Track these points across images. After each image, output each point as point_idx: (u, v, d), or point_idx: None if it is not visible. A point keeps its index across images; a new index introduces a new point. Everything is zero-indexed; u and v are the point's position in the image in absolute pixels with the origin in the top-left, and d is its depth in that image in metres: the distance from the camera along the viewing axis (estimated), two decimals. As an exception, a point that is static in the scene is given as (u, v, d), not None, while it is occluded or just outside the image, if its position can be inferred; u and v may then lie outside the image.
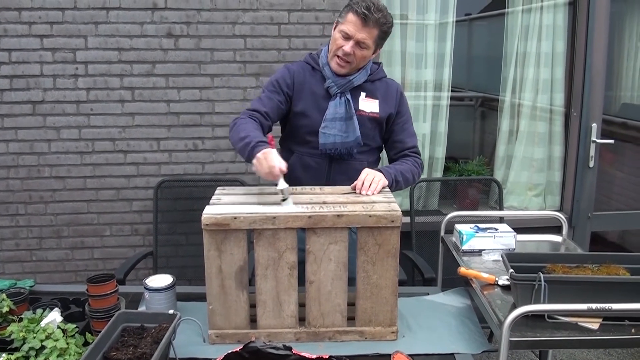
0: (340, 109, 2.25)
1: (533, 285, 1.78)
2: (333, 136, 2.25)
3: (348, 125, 2.26)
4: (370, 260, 1.83)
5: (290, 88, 2.30)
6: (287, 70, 2.34)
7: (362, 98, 2.31)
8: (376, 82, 2.35)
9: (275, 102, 2.25)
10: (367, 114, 2.30)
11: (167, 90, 3.29)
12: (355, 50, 2.18)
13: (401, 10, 3.59)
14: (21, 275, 3.31)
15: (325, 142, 2.26)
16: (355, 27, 2.14)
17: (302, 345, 1.83)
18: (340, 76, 2.26)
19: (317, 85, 2.30)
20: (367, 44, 2.18)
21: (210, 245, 1.78)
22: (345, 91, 2.27)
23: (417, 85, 3.71)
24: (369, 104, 2.31)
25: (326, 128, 2.25)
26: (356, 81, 2.28)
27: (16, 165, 3.27)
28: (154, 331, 1.72)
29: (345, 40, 2.18)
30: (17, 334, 1.69)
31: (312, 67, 2.34)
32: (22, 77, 3.18)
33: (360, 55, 2.20)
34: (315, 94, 2.29)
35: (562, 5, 3.70)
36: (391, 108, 2.35)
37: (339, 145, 2.26)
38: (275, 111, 2.25)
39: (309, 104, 2.29)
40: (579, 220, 3.83)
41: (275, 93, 2.27)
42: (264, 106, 2.22)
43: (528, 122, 3.88)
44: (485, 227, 2.45)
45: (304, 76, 2.32)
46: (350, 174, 2.23)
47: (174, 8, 3.20)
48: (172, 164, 3.38)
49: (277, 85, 2.29)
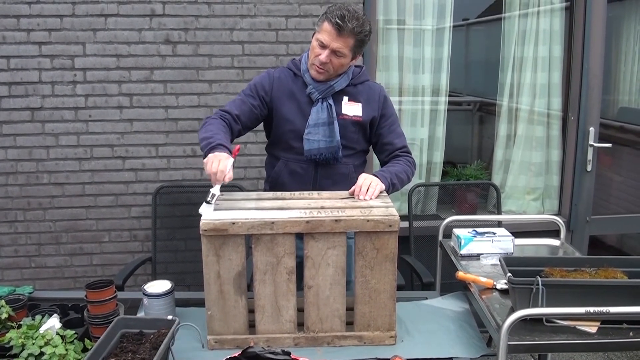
0: (322, 114, 2.26)
1: (531, 289, 1.79)
2: (317, 142, 2.26)
3: (331, 129, 2.27)
4: (369, 264, 1.83)
5: (268, 93, 2.31)
6: (267, 75, 2.35)
7: (345, 102, 2.32)
8: (359, 85, 2.36)
9: (248, 106, 2.26)
10: (350, 118, 2.31)
11: (166, 96, 3.30)
12: (332, 58, 2.19)
13: (398, 15, 3.60)
14: (20, 282, 3.30)
15: (310, 148, 2.27)
16: (330, 37, 2.15)
17: (300, 350, 1.83)
18: (321, 82, 2.27)
19: (299, 91, 2.31)
20: (343, 52, 2.18)
21: (208, 250, 1.78)
22: (327, 96, 2.28)
23: (415, 90, 3.72)
24: (351, 108, 2.32)
25: (310, 134, 2.26)
26: (337, 86, 2.29)
27: (15, 171, 3.27)
28: (153, 337, 1.72)
29: (322, 49, 2.18)
30: (16, 341, 1.69)
31: (294, 73, 2.35)
32: (20, 83, 3.19)
33: (338, 63, 2.21)
34: (298, 100, 2.30)
35: (558, 10, 3.71)
36: (374, 111, 2.35)
37: (324, 150, 2.27)
38: (247, 115, 2.26)
39: (293, 110, 2.30)
40: (577, 224, 3.83)
41: (250, 97, 2.29)
42: (236, 109, 2.24)
43: (526, 127, 3.88)
44: (483, 231, 2.46)
45: (286, 82, 2.33)
46: (336, 178, 2.24)
47: (172, 15, 3.21)
48: (170, 169, 3.39)
49: (255, 89, 2.30)
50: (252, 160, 3.39)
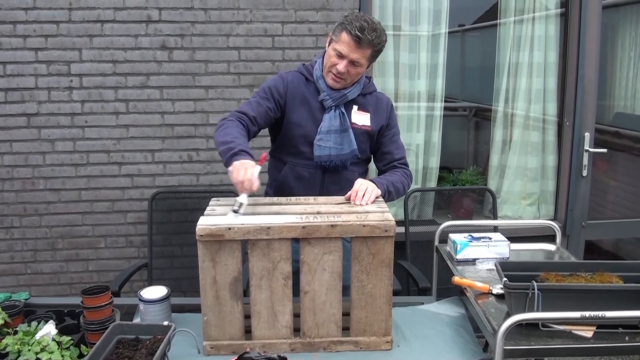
0: (335, 121, 2.27)
1: (527, 294, 1.79)
2: (328, 149, 2.26)
3: (343, 137, 2.27)
4: (365, 270, 1.83)
5: (282, 97, 2.30)
6: (280, 79, 2.34)
7: (355, 111, 2.32)
8: (367, 95, 2.37)
9: (264, 108, 2.24)
10: (359, 127, 2.32)
11: (162, 102, 3.30)
12: (349, 68, 2.19)
13: (394, 21, 3.61)
14: (16, 288, 3.30)
15: (320, 155, 2.27)
16: (349, 48, 2.15)
17: (296, 355, 1.83)
18: (335, 90, 2.28)
19: (312, 97, 2.31)
20: (361, 62, 2.19)
21: (204, 256, 1.78)
22: (340, 104, 2.29)
23: (411, 95, 3.73)
24: (361, 117, 2.33)
25: (321, 140, 2.26)
26: (350, 95, 2.29)
27: (11, 177, 3.27)
28: (149, 343, 1.72)
29: (339, 59, 2.18)
30: (12, 347, 1.68)
31: (306, 78, 2.34)
32: (16, 89, 3.18)
33: (354, 72, 2.22)
34: (310, 105, 2.30)
35: (553, 16, 3.73)
36: (382, 121, 2.36)
37: (334, 158, 2.28)
38: (263, 117, 2.24)
39: (304, 115, 2.30)
40: (573, 229, 3.84)
41: (265, 99, 2.27)
42: (253, 111, 2.21)
43: (521, 132, 3.89)
44: (479, 236, 2.46)
45: (298, 86, 2.32)
46: (342, 184, 2.24)
47: (168, 21, 3.22)
48: (166, 175, 3.38)
49: (269, 92, 2.29)
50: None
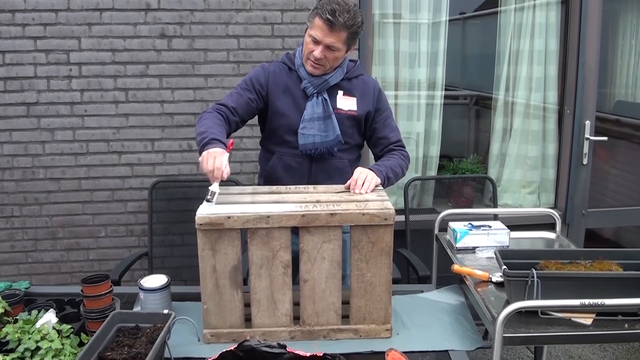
0: (317, 108, 2.26)
1: (526, 282, 1.80)
2: (312, 136, 2.26)
3: (327, 124, 2.27)
4: (364, 258, 1.84)
5: (264, 87, 2.30)
6: (262, 70, 2.34)
7: (340, 96, 2.32)
8: (353, 80, 2.36)
9: (245, 99, 2.25)
10: (345, 112, 2.31)
11: (161, 90, 3.29)
12: (326, 53, 2.18)
13: (394, 9, 3.60)
14: (17, 277, 3.30)
15: (305, 143, 2.27)
16: (323, 32, 2.14)
17: (296, 343, 1.83)
18: (316, 76, 2.27)
19: (294, 86, 2.31)
20: (337, 46, 2.17)
21: (204, 244, 1.78)
22: (322, 91, 2.28)
23: (411, 84, 3.71)
24: (346, 102, 2.32)
25: (305, 129, 2.26)
26: (332, 80, 2.28)
27: (11, 167, 3.27)
28: (149, 331, 1.72)
29: (315, 45, 2.18)
30: (13, 335, 1.69)
31: (288, 67, 2.34)
32: (15, 78, 3.17)
33: (332, 57, 2.20)
34: (293, 94, 2.30)
35: (554, 3, 3.71)
36: (369, 105, 2.35)
37: (319, 145, 2.27)
38: (244, 107, 2.25)
39: (287, 104, 2.30)
40: (573, 217, 3.84)
41: (247, 90, 2.28)
42: (233, 102, 2.23)
43: (522, 120, 3.89)
44: (479, 224, 2.47)
45: (280, 76, 2.32)
46: (331, 172, 2.24)
47: (167, 9, 3.20)
48: (166, 164, 3.38)
49: (250, 83, 2.30)
50: (248, 155, 3.38)
